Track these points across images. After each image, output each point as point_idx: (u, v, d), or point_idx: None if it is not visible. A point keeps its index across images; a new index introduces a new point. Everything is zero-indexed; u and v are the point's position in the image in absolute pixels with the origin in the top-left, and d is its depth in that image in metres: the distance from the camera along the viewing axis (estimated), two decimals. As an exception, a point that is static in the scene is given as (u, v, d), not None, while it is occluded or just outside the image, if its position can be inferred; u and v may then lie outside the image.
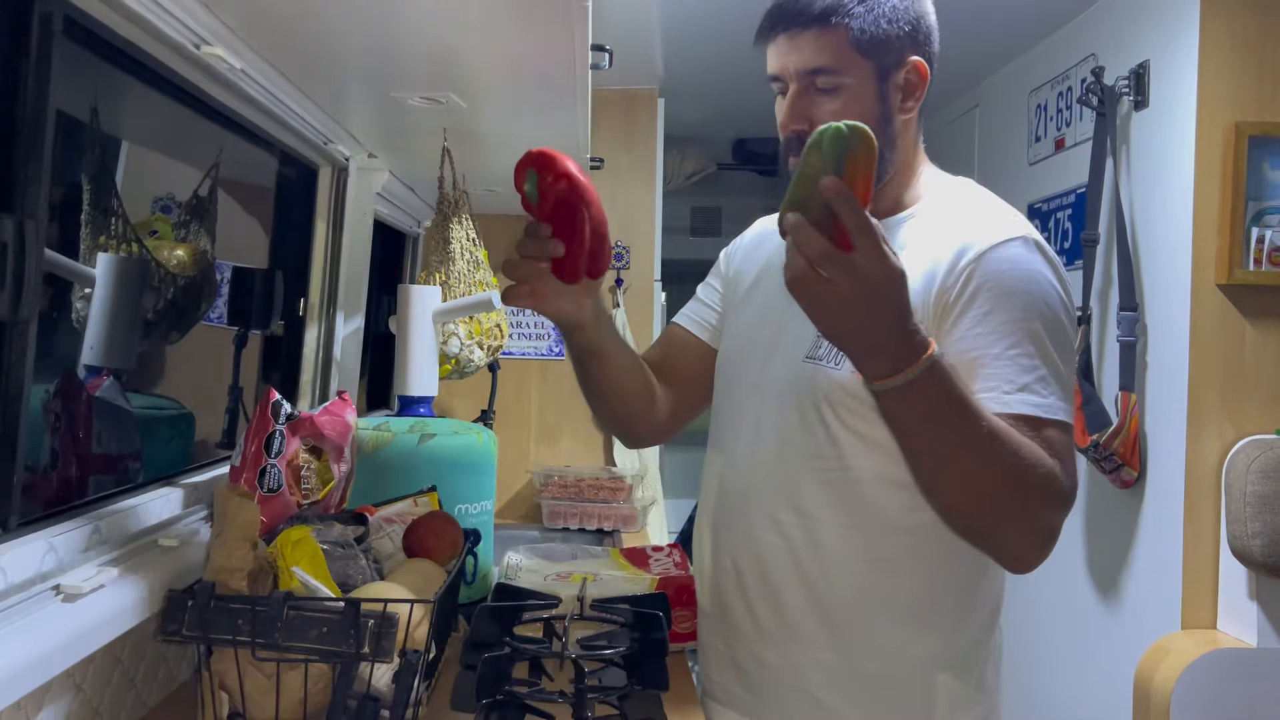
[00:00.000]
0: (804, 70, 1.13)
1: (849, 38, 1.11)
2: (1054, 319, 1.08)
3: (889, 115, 1.15)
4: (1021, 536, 1.04)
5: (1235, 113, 1.98)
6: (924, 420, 0.96)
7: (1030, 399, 1.03)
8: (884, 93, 1.14)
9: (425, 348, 1.74)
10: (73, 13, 0.97)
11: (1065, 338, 1.09)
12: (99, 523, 1.09)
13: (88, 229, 1.32)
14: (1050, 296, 1.08)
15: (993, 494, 1.00)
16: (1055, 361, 1.06)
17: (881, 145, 1.02)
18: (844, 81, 1.12)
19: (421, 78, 1.39)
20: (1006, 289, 1.07)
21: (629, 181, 2.97)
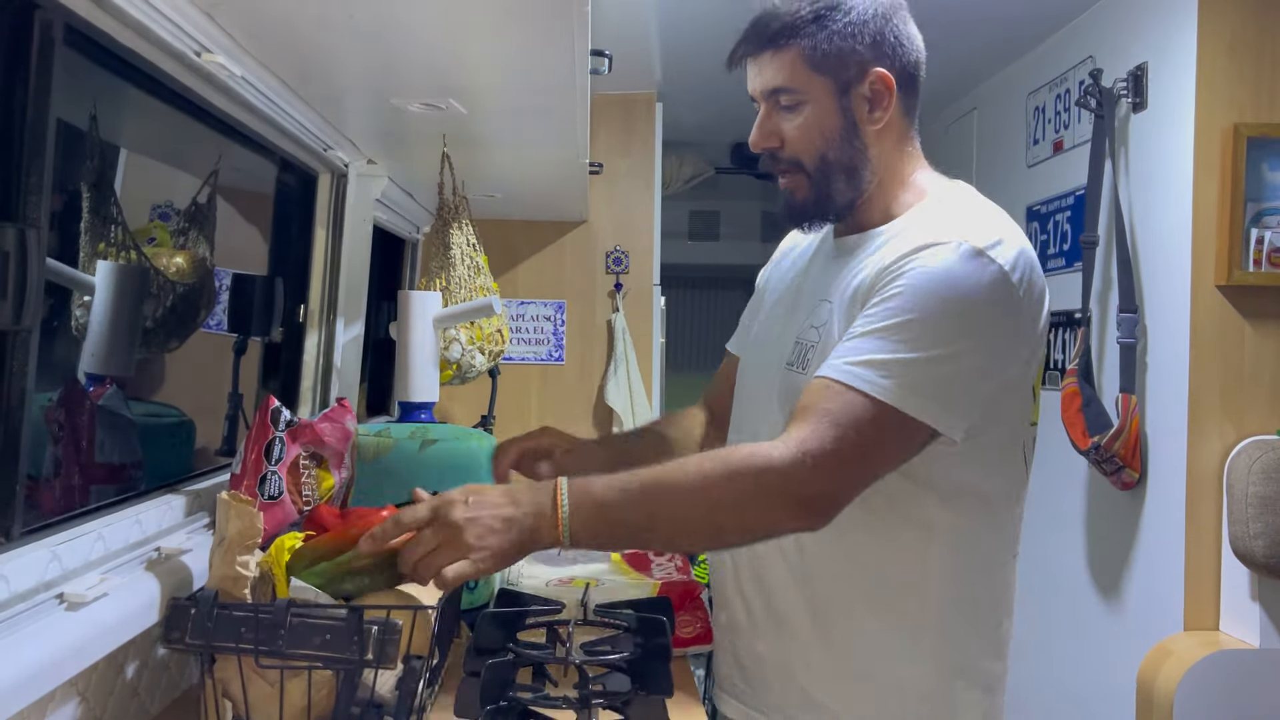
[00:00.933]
0: (767, 90, 1.20)
1: (803, 56, 1.16)
2: (940, 314, 1.05)
3: (854, 127, 1.18)
4: (765, 529, 1.08)
5: (1234, 114, 1.99)
6: (612, 538, 1.12)
7: (860, 372, 1.04)
8: (845, 106, 1.18)
9: (426, 354, 1.74)
10: (74, 21, 0.97)
11: (954, 335, 1.06)
12: (102, 531, 1.09)
13: (87, 236, 1.32)
14: (945, 294, 1.06)
15: (708, 531, 1.08)
16: (917, 348, 1.04)
17: (851, 157, 1.19)
18: (803, 98, 1.18)
19: (421, 84, 1.39)
20: (914, 285, 1.07)
21: (627, 186, 2.97)
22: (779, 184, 1.25)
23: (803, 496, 1.03)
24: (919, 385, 1.04)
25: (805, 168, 1.20)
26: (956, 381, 1.06)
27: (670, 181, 3.99)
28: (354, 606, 1.09)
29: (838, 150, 1.19)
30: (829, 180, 1.20)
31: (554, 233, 2.97)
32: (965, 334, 1.06)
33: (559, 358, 2.97)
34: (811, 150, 1.19)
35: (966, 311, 1.06)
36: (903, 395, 1.03)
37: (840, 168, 1.19)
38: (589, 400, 2.96)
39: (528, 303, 2.97)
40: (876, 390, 1.03)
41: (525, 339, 2.96)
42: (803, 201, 1.22)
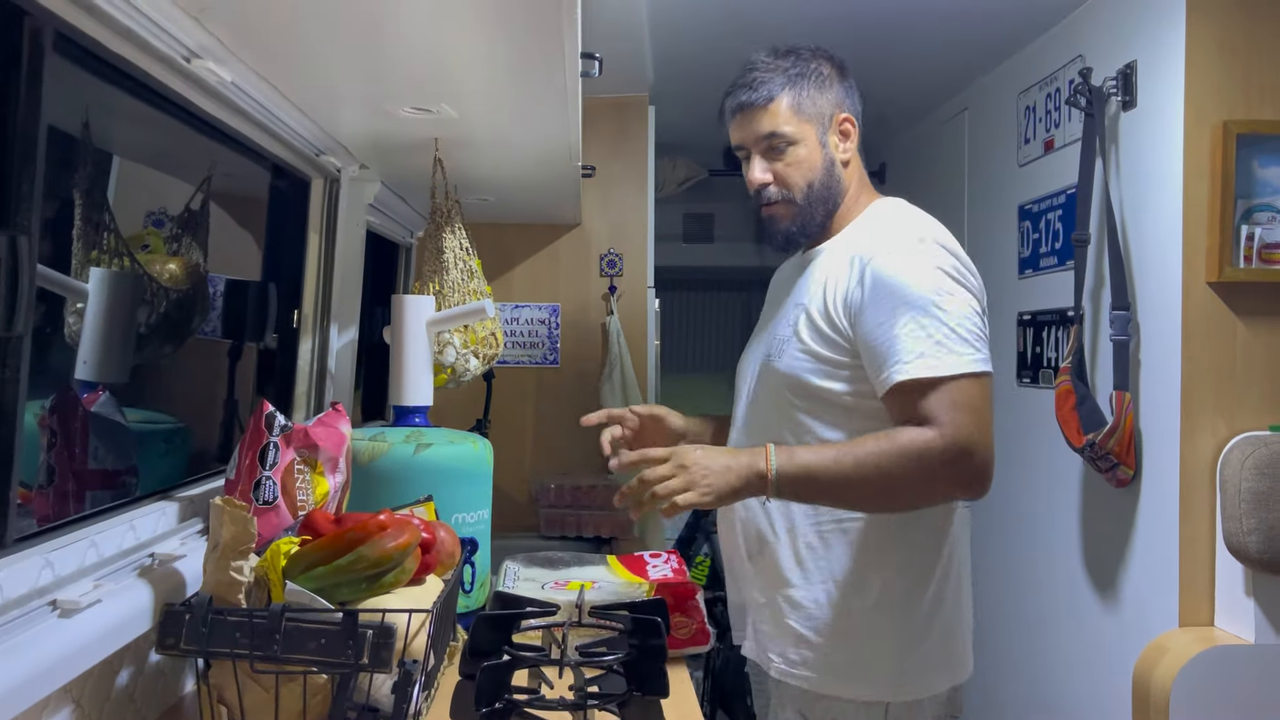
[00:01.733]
0: (760, 136, 1.51)
1: (790, 106, 1.50)
2: (938, 294, 1.36)
3: (833, 159, 1.53)
4: (942, 495, 1.39)
5: (1223, 111, 1.99)
6: (810, 490, 1.37)
7: (927, 362, 1.33)
8: (825, 143, 1.52)
9: (420, 358, 1.74)
10: (64, 29, 0.97)
11: (952, 302, 1.36)
12: (96, 538, 1.09)
13: (80, 244, 1.32)
14: (928, 278, 1.37)
15: (889, 494, 1.36)
16: (941, 325, 1.34)
17: (830, 185, 1.52)
18: (792, 141, 1.50)
19: (412, 89, 1.39)
20: (891, 286, 1.37)
21: (621, 189, 2.97)
22: (763, 214, 1.54)
23: (974, 474, 1.32)
24: (968, 342, 1.34)
25: (794, 198, 1.51)
26: (977, 324, 1.38)
27: (664, 184, 3.99)
28: (349, 611, 1.09)
29: (821, 181, 1.51)
30: (812, 206, 1.51)
31: (548, 236, 2.98)
32: (953, 291, 1.37)
33: (554, 361, 2.97)
34: (801, 182, 1.50)
35: (941, 275, 1.38)
36: (971, 357, 1.34)
37: (821, 195, 1.51)
38: (584, 403, 2.96)
39: (522, 306, 2.97)
40: (960, 366, 1.33)
41: (520, 342, 2.96)
42: (788, 226, 1.52)
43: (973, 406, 1.32)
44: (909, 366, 1.33)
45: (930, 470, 1.31)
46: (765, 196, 1.52)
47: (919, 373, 1.32)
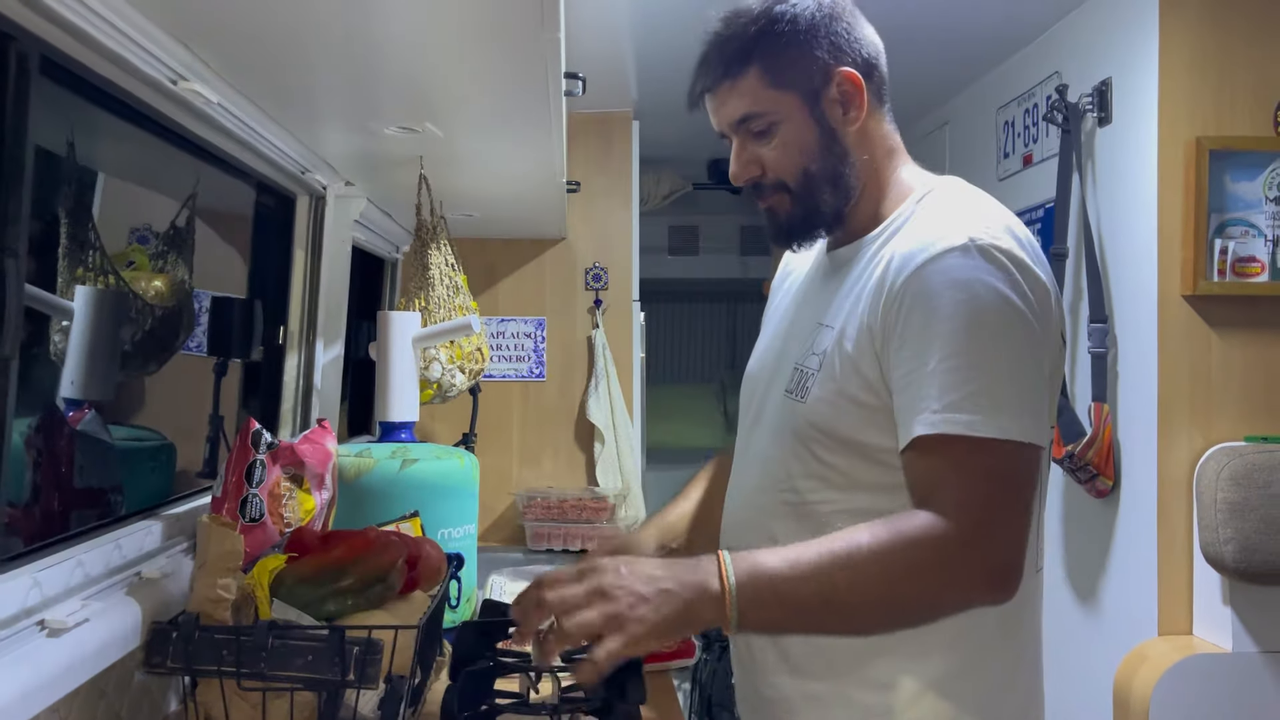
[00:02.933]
0: (734, 121, 1.16)
1: (762, 77, 1.13)
2: (993, 325, 0.99)
3: (832, 134, 1.14)
4: (953, 604, 0.99)
5: (1196, 127, 2.03)
6: (784, 617, 0.96)
7: (958, 417, 0.97)
8: (819, 115, 1.14)
9: (406, 374, 1.75)
10: (50, 52, 0.98)
11: (1012, 343, 1.00)
12: (82, 557, 1.09)
13: (65, 261, 1.32)
14: (985, 301, 1.00)
15: (893, 608, 0.97)
16: (992, 370, 0.98)
17: (834, 166, 1.15)
18: (774, 119, 1.14)
19: (398, 109, 1.41)
20: (933, 304, 1.01)
21: (605, 203, 2.99)
22: (760, 207, 1.21)
23: (995, 574, 0.96)
24: (1020, 400, 0.99)
25: (790, 188, 1.16)
26: (1037, 378, 1.02)
27: (648, 198, 4.01)
28: (335, 627, 1.10)
29: (820, 162, 1.14)
30: (814, 194, 1.15)
31: (533, 250, 2.99)
32: (1013, 323, 1.00)
33: (540, 374, 2.98)
34: (794, 168, 1.15)
35: (1001, 298, 1.00)
36: (1019, 421, 0.98)
37: (825, 179, 1.15)
38: (570, 416, 2.98)
39: (508, 320, 2.98)
40: (1001, 429, 0.97)
41: (506, 356, 2.97)
42: (789, 219, 1.18)
43: (1008, 484, 0.97)
44: (933, 418, 0.98)
45: (939, 570, 0.95)
46: (759, 191, 1.19)
47: (944, 427, 0.97)
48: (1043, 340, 1.03)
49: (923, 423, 0.98)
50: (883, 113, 1.19)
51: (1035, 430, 0.99)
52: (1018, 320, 1.00)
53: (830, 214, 1.17)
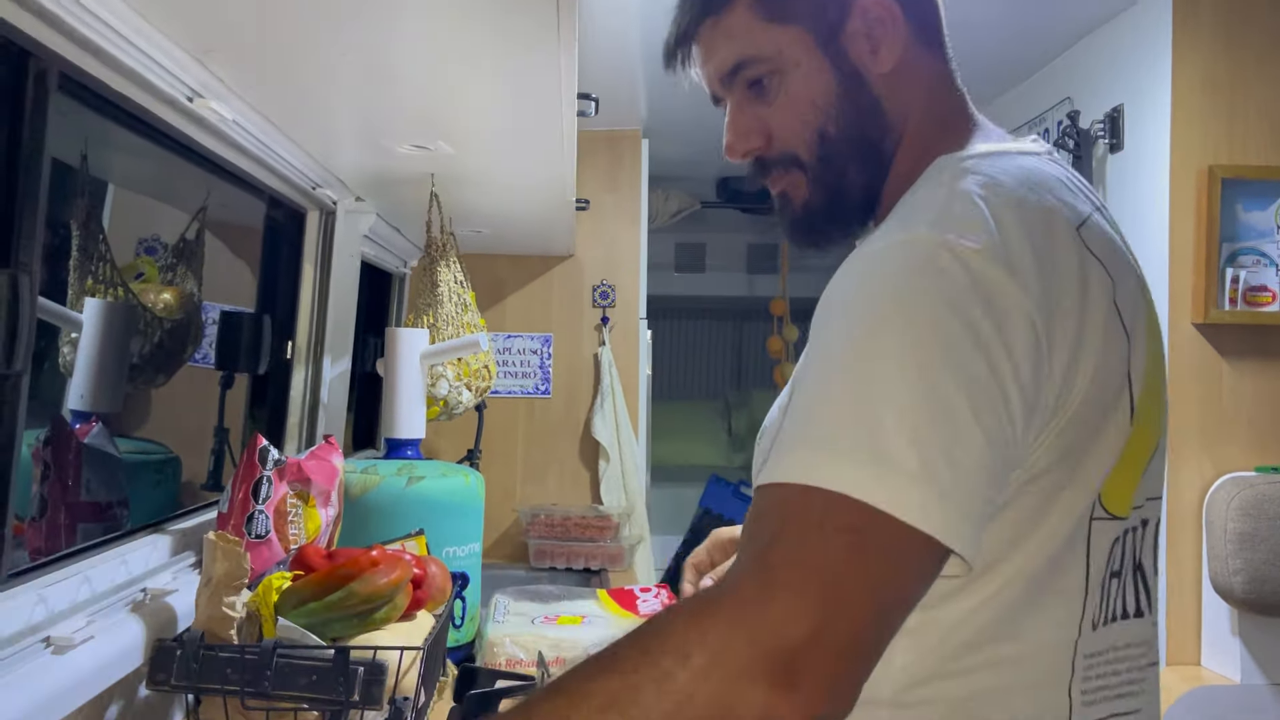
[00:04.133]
0: (724, 73, 0.87)
1: (753, 10, 0.84)
2: (897, 332, 0.66)
3: (856, 79, 0.84)
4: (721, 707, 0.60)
5: (1208, 156, 2.03)
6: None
7: (778, 461, 0.66)
8: (836, 54, 0.84)
9: (413, 390, 1.75)
10: (68, 69, 0.98)
11: (924, 355, 0.65)
12: (88, 573, 1.09)
13: (75, 274, 1.33)
14: (889, 299, 0.68)
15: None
16: (845, 391, 0.66)
17: (861, 122, 0.84)
18: (775, 65, 0.84)
19: (411, 127, 1.41)
20: (826, 313, 0.72)
21: (614, 221, 3.00)
22: (773, 195, 0.91)
23: (771, 650, 0.60)
24: (905, 437, 0.64)
25: (801, 160, 0.86)
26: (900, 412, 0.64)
27: (656, 216, 4.02)
28: (340, 647, 1.10)
29: (841, 117, 0.84)
30: (836, 167, 0.85)
31: (541, 267, 2.99)
32: (928, 333, 0.66)
33: (545, 391, 2.98)
34: (805, 130, 0.85)
35: (918, 298, 0.67)
36: (874, 465, 0.63)
37: (849, 143, 0.84)
38: (575, 433, 2.97)
39: (514, 336, 2.98)
40: (834, 472, 0.63)
41: (512, 372, 2.97)
42: (806, 208, 0.88)
43: (827, 561, 0.62)
44: (772, 461, 0.67)
45: (671, 685, 0.60)
46: (764, 169, 0.89)
47: (770, 473, 0.66)
48: (978, 345, 0.65)
49: (766, 470, 0.67)
50: (934, 45, 0.88)
51: (905, 481, 0.62)
52: (941, 328, 0.66)
53: (860, 195, 0.86)
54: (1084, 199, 0.79)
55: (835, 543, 0.62)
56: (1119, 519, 0.77)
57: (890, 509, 0.62)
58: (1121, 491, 0.77)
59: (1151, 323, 0.80)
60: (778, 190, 0.90)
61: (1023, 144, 0.85)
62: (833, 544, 0.62)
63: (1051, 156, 0.85)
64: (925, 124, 0.86)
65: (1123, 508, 0.77)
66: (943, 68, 0.89)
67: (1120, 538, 0.78)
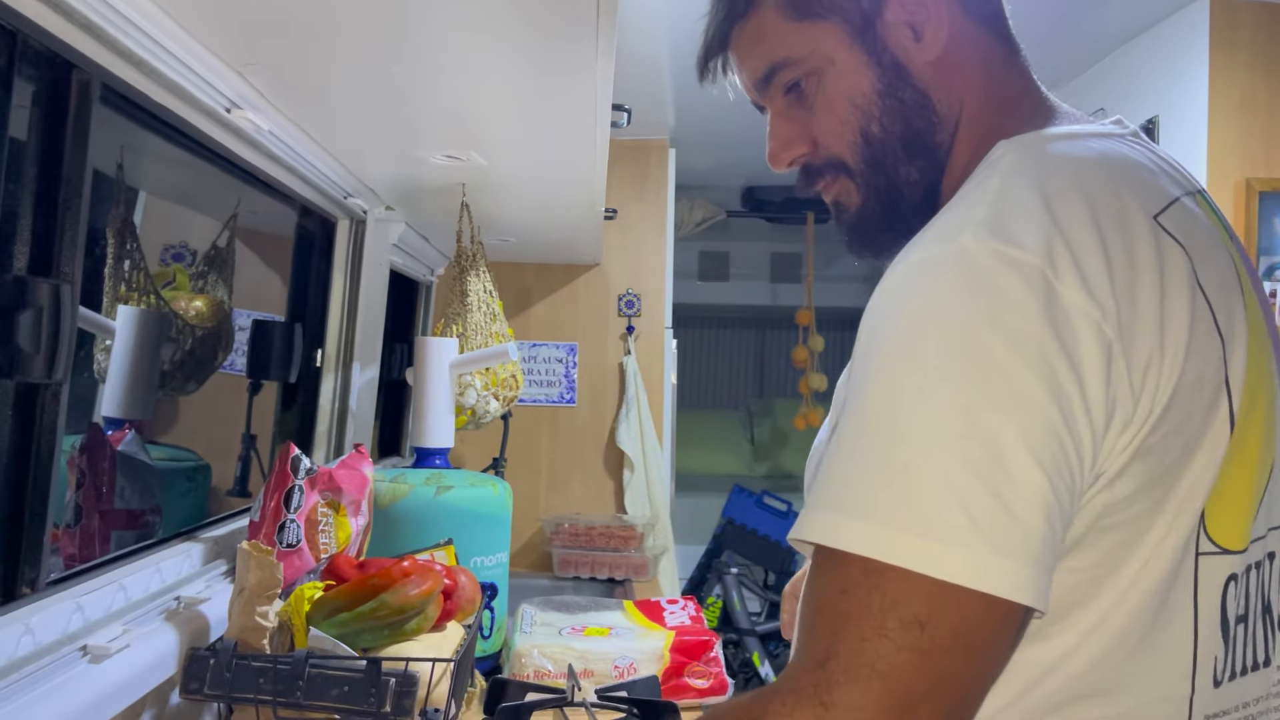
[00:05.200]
0: (759, 80, 0.83)
1: (780, 10, 0.79)
2: (910, 364, 0.62)
3: (898, 70, 0.78)
4: None
5: (1245, 169, 2.00)
6: None
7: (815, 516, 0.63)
8: (875, 47, 0.78)
9: (442, 400, 1.75)
10: (111, 81, 0.99)
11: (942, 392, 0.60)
12: (124, 581, 1.09)
13: (110, 281, 1.34)
14: (912, 331, 0.63)
15: None
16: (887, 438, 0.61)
17: (907, 117, 0.78)
18: (809, 66, 0.79)
19: (444, 138, 1.41)
20: (863, 346, 0.66)
21: (640, 230, 3.00)
22: (826, 202, 0.86)
23: None
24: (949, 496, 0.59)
25: (847, 164, 0.81)
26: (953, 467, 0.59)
27: (682, 224, 4.02)
28: (372, 658, 1.10)
29: (884, 115, 0.78)
30: (887, 167, 0.79)
31: (567, 276, 3.00)
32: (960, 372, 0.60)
33: (570, 400, 2.98)
34: (848, 132, 0.79)
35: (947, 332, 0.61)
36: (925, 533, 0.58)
37: (898, 139, 0.79)
38: (600, 443, 2.97)
39: (540, 345, 2.98)
40: (887, 540, 0.59)
41: (537, 381, 2.97)
42: (860, 216, 0.82)
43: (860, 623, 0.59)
44: (804, 517, 0.64)
45: None
46: (811, 177, 0.84)
47: (800, 529, 0.64)
48: (1030, 367, 0.59)
49: (797, 525, 0.65)
50: (985, 29, 0.80)
51: (964, 550, 0.57)
52: (969, 364, 0.60)
53: (918, 195, 0.80)
54: (1172, 183, 0.73)
55: (894, 631, 0.57)
56: (1233, 553, 0.68)
57: (938, 572, 0.57)
58: (1232, 520, 0.67)
59: (1256, 324, 0.70)
60: (830, 198, 0.85)
61: (1101, 125, 0.77)
62: (892, 632, 0.57)
63: (1137, 139, 0.77)
64: (984, 109, 0.79)
65: (1236, 539, 0.68)
66: (1000, 45, 0.81)
67: (1239, 575, 0.68)
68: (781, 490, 4.37)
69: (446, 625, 1.32)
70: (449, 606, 1.31)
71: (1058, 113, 0.79)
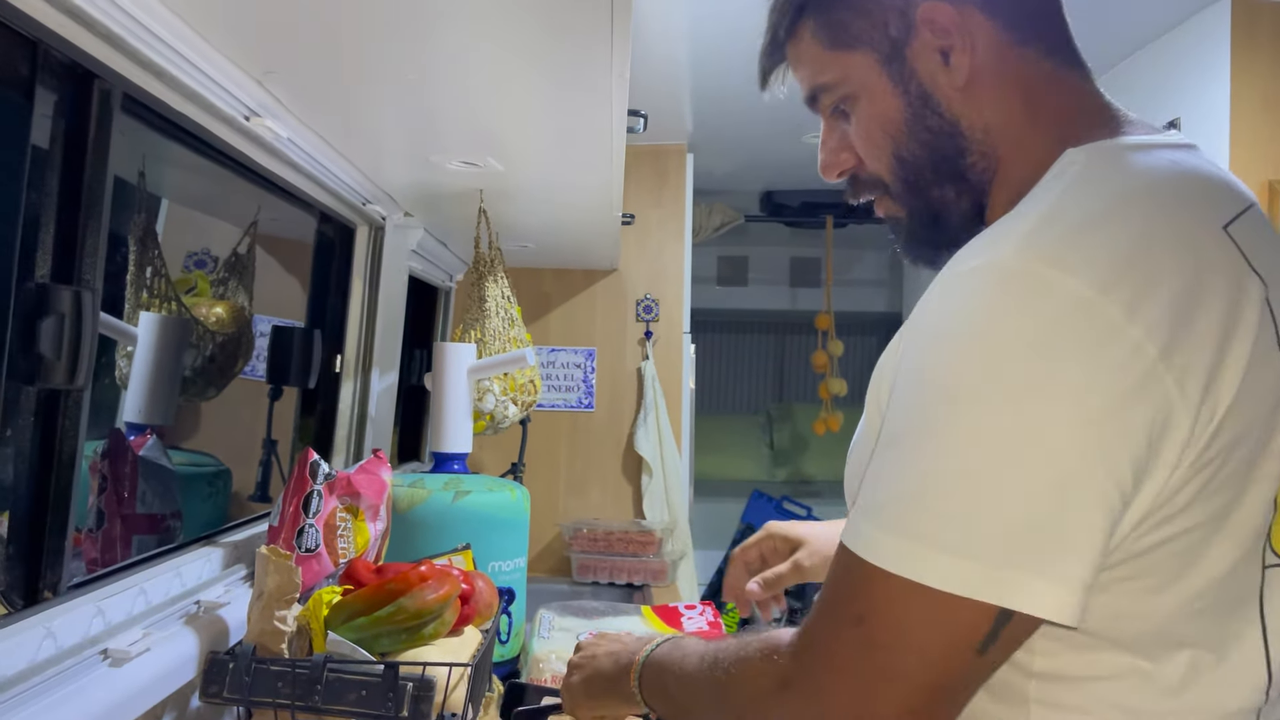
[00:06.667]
0: (807, 99, 0.90)
1: (817, 36, 0.85)
2: (962, 396, 0.62)
3: (925, 100, 0.80)
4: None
5: (1268, 170, 1.98)
6: (669, 710, 0.93)
7: (858, 526, 0.67)
8: (901, 78, 0.81)
9: (460, 405, 1.76)
10: (132, 90, 1.00)
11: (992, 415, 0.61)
12: (144, 585, 1.10)
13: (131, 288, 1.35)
14: (960, 353, 0.64)
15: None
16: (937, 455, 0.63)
17: (933, 145, 0.81)
18: (847, 91, 0.85)
19: (462, 144, 1.42)
20: (909, 363, 0.68)
21: (658, 235, 3.00)
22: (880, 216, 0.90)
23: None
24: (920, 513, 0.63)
25: (886, 184, 0.86)
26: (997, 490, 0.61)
27: (700, 229, 4.02)
28: (390, 663, 1.10)
29: (912, 140, 0.82)
30: (920, 188, 0.83)
31: (585, 281, 3.00)
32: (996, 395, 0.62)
33: (589, 405, 2.98)
34: (882, 154, 0.84)
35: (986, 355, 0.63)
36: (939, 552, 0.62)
37: (928, 164, 0.82)
38: (618, 448, 2.97)
39: (558, 350, 2.99)
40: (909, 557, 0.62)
41: (555, 386, 2.98)
42: (910, 229, 0.87)
43: (888, 639, 0.63)
44: (853, 524, 0.68)
45: (759, 709, 0.71)
46: (859, 187, 0.89)
47: (847, 537, 0.67)
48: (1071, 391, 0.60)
49: (848, 528, 0.68)
50: (1031, 46, 0.81)
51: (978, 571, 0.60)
52: (1007, 389, 0.61)
53: (959, 211, 0.83)
54: (1239, 194, 0.73)
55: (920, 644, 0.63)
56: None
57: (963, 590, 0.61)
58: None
59: None
60: (881, 213, 0.89)
61: (1171, 136, 0.77)
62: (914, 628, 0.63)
63: (1198, 151, 0.78)
64: (1031, 127, 0.79)
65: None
66: (1048, 60, 0.81)
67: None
68: (801, 495, 4.35)
69: (464, 630, 1.32)
70: (466, 611, 1.31)
71: (1126, 122, 0.79)
